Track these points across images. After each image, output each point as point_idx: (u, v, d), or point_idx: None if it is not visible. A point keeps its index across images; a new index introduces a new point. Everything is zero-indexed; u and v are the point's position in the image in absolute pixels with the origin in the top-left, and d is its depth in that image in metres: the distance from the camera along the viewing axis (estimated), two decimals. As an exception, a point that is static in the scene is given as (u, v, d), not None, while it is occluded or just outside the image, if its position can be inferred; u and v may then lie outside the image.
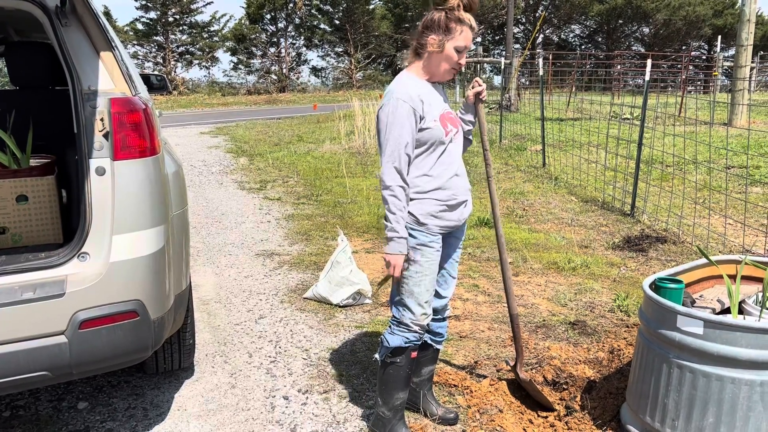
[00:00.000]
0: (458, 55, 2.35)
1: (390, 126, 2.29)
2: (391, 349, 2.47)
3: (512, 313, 2.80)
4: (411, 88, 2.35)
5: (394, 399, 2.53)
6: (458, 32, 2.32)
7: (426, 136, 2.34)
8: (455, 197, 2.43)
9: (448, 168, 2.41)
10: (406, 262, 2.39)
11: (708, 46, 40.82)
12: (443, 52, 2.34)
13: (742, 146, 8.77)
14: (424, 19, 2.39)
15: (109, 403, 2.94)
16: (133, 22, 37.03)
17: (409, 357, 2.50)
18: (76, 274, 2.24)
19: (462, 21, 2.32)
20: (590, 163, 8.24)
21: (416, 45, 2.41)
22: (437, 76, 2.42)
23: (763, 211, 5.97)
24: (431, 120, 2.35)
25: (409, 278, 2.42)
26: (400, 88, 2.33)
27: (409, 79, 2.40)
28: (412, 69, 2.44)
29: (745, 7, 10.91)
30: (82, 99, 2.28)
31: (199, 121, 19.56)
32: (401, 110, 2.28)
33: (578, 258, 4.97)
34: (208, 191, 8.27)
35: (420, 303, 2.44)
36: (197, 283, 4.59)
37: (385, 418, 2.55)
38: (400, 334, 2.47)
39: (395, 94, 2.31)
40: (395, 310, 2.50)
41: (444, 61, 2.36)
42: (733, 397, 2.16)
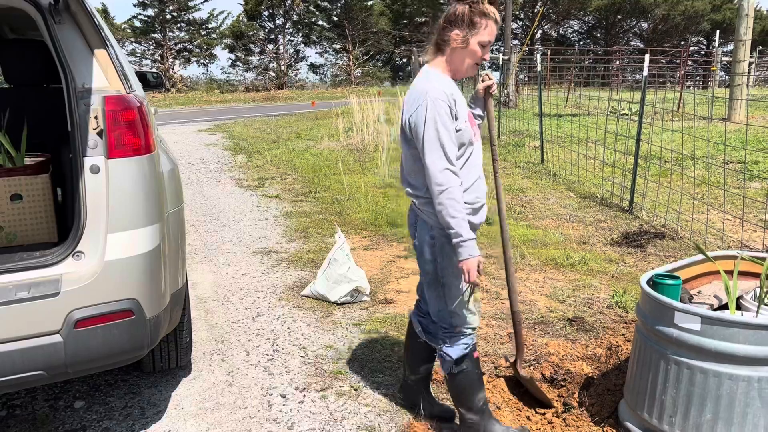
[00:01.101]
0: (482, 51, 2.26)
1: (430, 126, 2.17)
2: (455, 360, 2.42)
3: (514, 310, 2.79)
4: (444, 85, 2.25)
5: (476, 401, 2.48)
6: (483, 26, 2.23)
7: (459, 138, 2.25)
8: (479, 200, 2.37)
9: (474, 170, 2.36)
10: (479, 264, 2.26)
11: (707, 41, 40.79)
12: (467, 47, 2.25)
13: (740, 141, 8.76)
14: (446, 12, 2.30)
15: (106, 401, 2.94)
16: (131, 20, 36.95)
17: (473, 358, 2.45)
18: (71, 273, 2.23)
19: (486, 15, 2.22)
20: (589, 159, 8.23)
21: (438, 40, 2.31)
22: (460, 72, 2.33)
23: (761, 206, 5.96)
24: (462, 121, 2.26)
25: (453, 284, 2.35)
26: (435, 86, 2.22)
27: (439, 77, 2.30)
28: (436, 65, 2.34)
29: (743, 2, 10.89)
30: (76, 97, 2.27)
31: (197, 119, 19.53)
32: (441, 109, 2.18)
33: (576, 254, 4.97)
34: (205, 189, 8.25)
35: (469, 307, 2.40)
36: (194, 281, 4.58)
37: (474, 422, 2.50)
38: (458, 344, 2.42)
39: (431, 93, 2.19)
40: (441, 320, 2.43)
41: (468, 57, 2.27)
42: (730, 393, 2.15)
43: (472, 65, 2.30)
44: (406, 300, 4.14)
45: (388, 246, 5.42)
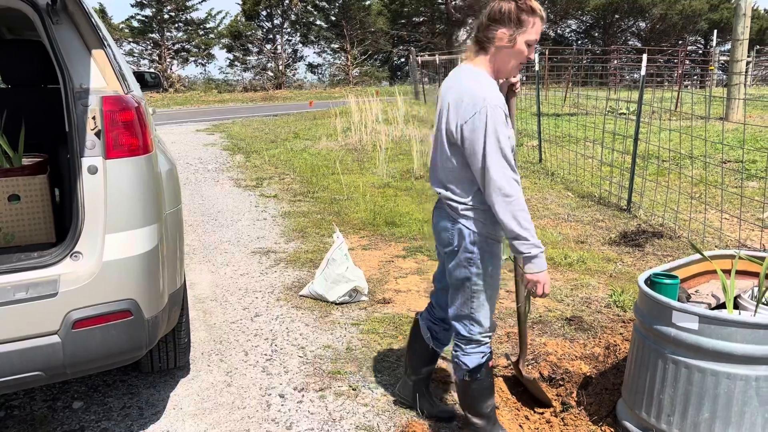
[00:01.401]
0: (528, 50, 2.16)
1: (492, 135, 2.07)
2: (472, 369, 2.38)
3: (521, 311, 2.79)
4: (496, 90, 2.15)
5: (485, 407, 2.46)
6: (530, 25, 2.12)
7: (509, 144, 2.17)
8: None
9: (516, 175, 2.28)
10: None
11: (704, 40, 40.84)
12: (514, 47, 2.14)
13: (738, 141, 8.77)
14: (489, 9, 2.16)
15: (104, 402, 2.94)
16: (129, 20, 36.88)
17: (488, 367, 2.42)
18: (68, 273, 2.23)
19: (535, 12, 2.12)
20: (587, 158, 8.24)
21: (481, 38, 2.19)
22: (503, 72, 2.22)
23: (759, 205, 5.97)
24: (509, 127, 2.18)
25: (481, 292, 2.32)
26: (492, 93, 2.12)
27: (489, 80, 2.18)
28: (480, 65, 2.22)
29: (740, 2, 10.90)
30: (73, 97, 2.27)
31: (195, 119, 19.51)
32: (500, 118, 2.09)
33: (575, 253, 4.97)
34: (204, 189, 8.25)
35: (490, 316, 2.37)
36: (193, 282, 4.58)
37: (479, 427, 2.48)
38: (475, 352, 2.39)
39: (490, 100, 2.09)
40: (461, 327, 2.39)
41: (514, 57, 2.17)
42: (728, 392, 2.16)
43: (516, 66, 2.20)
44: (404, 300, 4.14)
45: (387, 246, 5.42)
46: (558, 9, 40.17)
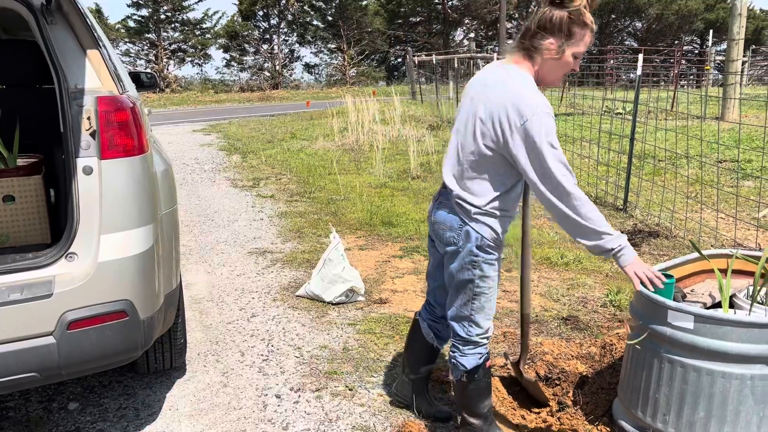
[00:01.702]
0: (576, 60, 2.11)
1: (545, 142, 2.03)
2: (470, 370, 2.38)
3: (525, 312, 2.79)
4: (543, 96, 2.10)
5: (482, 408, 2.46)
6: (581, 37, 2.07)
7: None
8: (517, 210, 2.34)
9: (521, 184, 2.31)
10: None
11: (700, 40, 40.96)
12: (561, 58, 2.09)
13: (733, 140, 8.80)
14: (539, 15, 2.09)
15: (100, 403, 2.93)
16: (125, 20, 36.84)
17: (486, 368, 2.42)
18: (64, 274, 2.22)
19: (587, 25, 2.06)
20: (583, 158, 8.25)
21: (528, 45, 2.13)
22: (546, 82, 2.17)
23: (754, 204, 5.99)
24: None
25: (482, 294, 2.31)
26: (542, 100, 2.07)
27: (533, 84, 2.12)
28: (524, 68, 2.16)
29: (736, 1, 10.93)
30: (68, 98, 2.26)
31: (192, 119, 19.49)
32: (551, 124, 2.05)
33: (571, 253, 4.98)
34: (200, 189, 8.24)
35: (489, 317, 2.37)
36: (189, 282, 4.57)
37: (477, 427, 2.48)
38: (472, 353, 2.38)
39: (542, 107, 2.04)
40: (460, 328, 2.38)
41: (560, 68, 2.12)
42: (723, 391, 2.16)
43: (561, 77, 2.16)
44: (401, 300, 4.14)
45: (383, 246, 5.42)
46: (554, 9, 40.17)
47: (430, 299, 2.67)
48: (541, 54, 2.11)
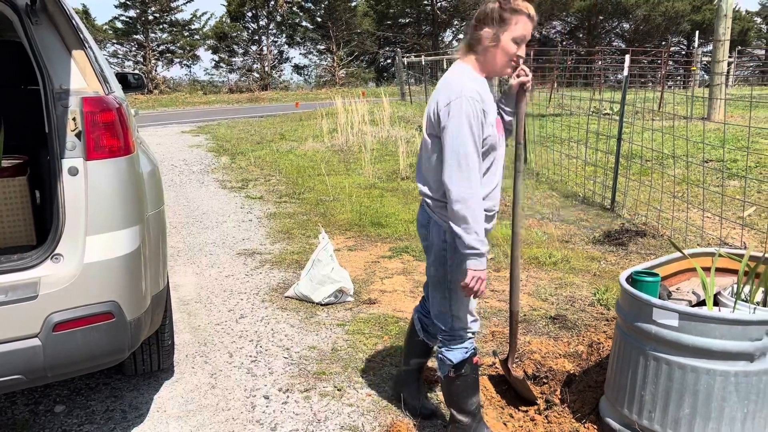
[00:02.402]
0: (516, 47, 2.19)
1: (457, 127, 2.10)
2: (455, 364, 2.40)
3: (513, 310, 2.79)
4: (478, 86, 2.18)
5: (470, 405, 2.47)
6: (514, 22, 2.16)
7: (487, 143, 2.20)
8: (494, 208, 2.35)
9: (494, 178, 2.32)
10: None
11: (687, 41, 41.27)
12: (499, 44, 2.18)
13: (719, 140, 8.87)
14: (477, 11, 2.24)
15: (86, 405, 2.91)
16: (113, 21, 36.59)
17: (473, 363, 2.44)
18: (49, 275, 2.21)
19: (517, 11, 2.16)
20: (571, 158, 8.30)
21: (471, 40, 2.24)
22: (494, 71, 2.26)
23: (739, 204, 6.04)
24: (490, 125, 2.20)
25: (457, 289, 2.32)
26: (469, 85, 2.15)
27: (472, 75, 2.22)
28: (468, 62, 2.27)
29: (722, 3, 11.03)
30: (53, 98, 2.25)
31: (181, 120, 19.40)
32: (473, 110, 2.11)
33: (559, 253, 5.00)
34: (188, 190, 8.20)
35: (471, 311, 2.40)
36: (177, 283, 4.55)
37: (465, 424, 2.48)
38: (458, 348, 2.40)
39: (467, 92, 2.11)
40: (443, 323, 2.41)
41: (501, 54, 2.20)
42: (708, 387, 2.18)
43: (506, 63, 2.22)
44: (390, 300, 4.15)
45: (373, 246, 5.42)
46: (543, 10, 40.40)
47: (425, 294, 2.72)
48: (481, 44, 2.21)
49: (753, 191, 6.72)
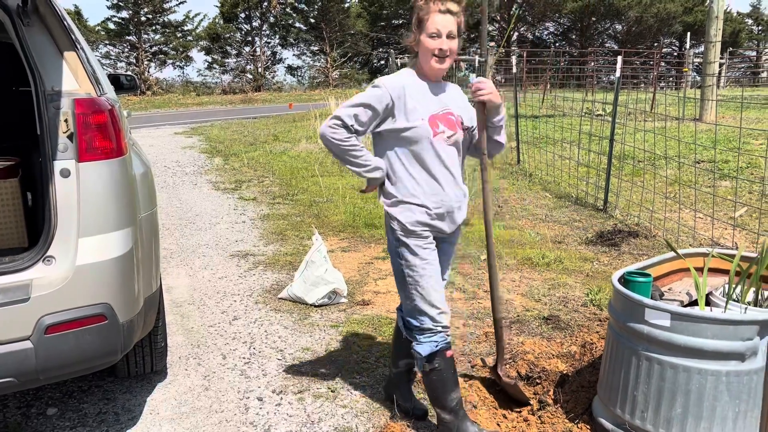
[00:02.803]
0: (435, 41, 2.30)
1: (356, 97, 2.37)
2: (425, 357, 2.45)
3: (496, 317, 2.80)
4: (400, 78, 2.38)
5: (449, 401, 2.49)
6: (426, 20, 2.30)
7: (411, 134, 2.34)
8: (444, 204, 2.41)
9: (439, 173, 2.39)
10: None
11: (679, 43, 41.50)
12: (421, 45, 2.34)
13: (711, 141, 8.92)
14: None
15: (79, 408, 2.90)
16: (105, 22, 36.48)
17: (445, 357, 2.46)
18: (41, 278, 2.20)
19: (425, 9, 2.30)
20: (564, 159, 8.32)
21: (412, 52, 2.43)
22: (429, 71, 2.39)
23: (731, 204, 6.08)
24: (417, 119, 2.33)
25: (415, 284, 2.41)
26: (389, 78, 2.39)
27: (404, 71, 2.44)
28: (410, 66, 2.49)
29: (713, 4, 11.09)
30: (45, 100, 2.24)
31: (173, 122, 19.35)
32: (371, 93, 2.35)
33: (552, 253, 5.02)
34: (181, 192, 8.18)
35: (434, 304, 2.42)
36: (170, 285, 4.54)
37: (448, 422, 2.51)
38: (427, 341, 2.44)
39: (377, 82, 2.38)
40: (411, 318, 2.48)
41: (424, 53, 2.34)
42: (699, 387, 2.19)
43: (430, 59, 2.35)
44: (383, 301, 4.15)
45: (366, 247, 5.42)
46: (536, 12, 40.54)
47: None
48: (413, 51, 2.42)
49: (744, 192, 6.76)
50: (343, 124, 2.34)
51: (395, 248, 2.45)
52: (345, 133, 2.35)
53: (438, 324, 2.44)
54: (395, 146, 2.40)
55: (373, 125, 2.38)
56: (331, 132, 2.35)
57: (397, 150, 2.40)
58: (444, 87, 2.49)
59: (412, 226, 2.39)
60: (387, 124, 2.37)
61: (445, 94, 2.47)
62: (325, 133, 2.36)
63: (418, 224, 2.39)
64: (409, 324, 2.50)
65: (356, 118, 2.34)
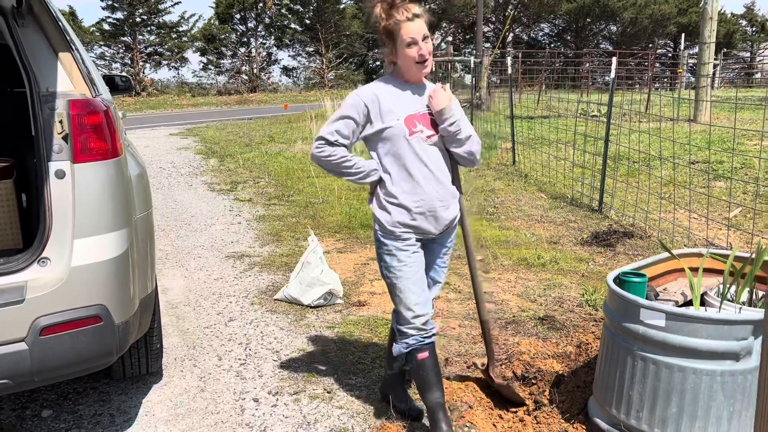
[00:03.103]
0: (414, 49, 2.33)
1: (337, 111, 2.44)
2: (395, 357, 2.54)
3: (483, 319, 2.81)
4: (372, 86, 2.45)
5: (428, 400, 2.53)
6: (398, 31, 2.32)
7: (388, 134, 2.39)
8: (425, 203, 2.42)
9: (418, 172, 2.41)
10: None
11: (674, 43, 41.63)
12: (400, 56, 2.37)
13: (705, 142, 8.95)
14: None
15: (74, 410, 2.89)
16: (100, 23, 36.36)
17: (417, 360, 2.49)
18: (36, 279, 2.20)
19: (392, 21, 2.32)
20: (559, 160, 8.34)
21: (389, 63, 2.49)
22: (415, 78, 2.44)
23: (726, 205, 6.10)
24: (393, 119, 2.39)
25: (394, 285, 2.46)
26: (364, 87, 2.46)
27: (380, 80, 2.49)
28: (387, 73, 2.53)
29: (707, 6, 11.14)
30: (39, 101, 2.24)
31: (169, 123, 19.32)
32: (350, 101, 2.42)
33: (547, 254, 5.03)
34: (177, 193, 8.17)
35: (409, 306, 2.45)
36: (166, 287, 4.53)
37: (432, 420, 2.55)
38: (401, 342, 2.50)
39: (356, 91, 2.45)
40: (394, 319, 2.56)
41: (406, 62, 2.38)
42: (694, 387, 2.20)
43: (413, 66, 2.38)
44: (379, 302, 4.15)
45: (362, 248, 5.42)
46: (531, 12, 40.62)
47: None
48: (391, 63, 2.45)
49: (738, 192, 6.79)
50: (327, 142, 2.40)
51: (377, 250, 2.52)
52: (331, 150, 2.40)
53: (411, 326, 2.46)
54: (376, 147, 2.45)
55: (357, 134, 2.42)
56: (318, 152, 2.41)
57: (379, 151, 2.44)
58: (426, 87, 2.51)
59: (391, 226, 2.41)
60: (367, 130, 2.42)
61: (424, 94, 2.50)
62: (314, 155, 2.43)
63: (397, 225, 2.41)
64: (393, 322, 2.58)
65: (338, 133, 2.39)
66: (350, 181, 2.49)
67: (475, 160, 2.55)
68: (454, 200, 2.52)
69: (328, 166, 2.43)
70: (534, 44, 42.40)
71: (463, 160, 2.54)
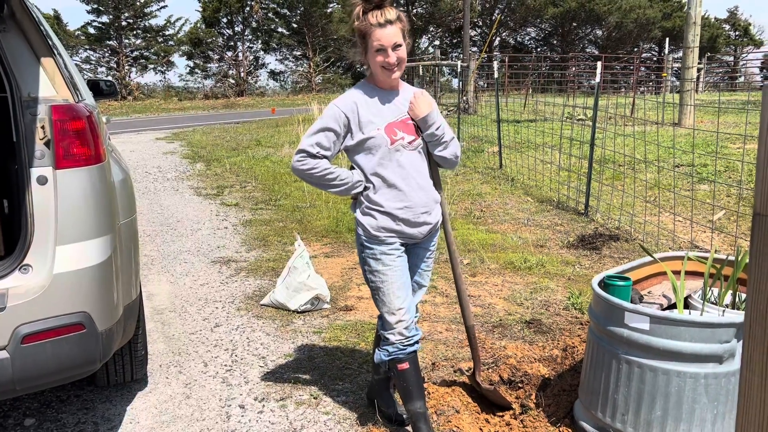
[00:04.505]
0: (381, 56, 2.32)
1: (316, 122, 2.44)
2: (377, 364, 2.56)
3: (468, 324, 2.81)
4: (351, 95, 2.45)
5: (409, 410, 2.54)
6: (369, 35, 2.32)
7: (370, 144, 2.39)
8: (410, 209, 2.42)
9: (401, 180, 2.41)
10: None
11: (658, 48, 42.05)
12: (369, 60, 2.38)
13: (689, 145, 9.04)
14: None
15: (57, 418, 2.86)
16: (85, 26, 36.13)
17: (397, 369, 2.48)
18: (17, 287, 2.17)
19: (365, 25, 2.32)
20: (545, 163, 8.38)
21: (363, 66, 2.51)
22: (385, 82, 2.44)
23: (709, 207, 6.16)
24: (373, 129, 2.38)
25: (377, 289, 2.45)
26: (344, 96, 2.47)
27: (357, 88, 2.48)
28: (365, 80, 2.52)
29: (690, 10, 11.26)
30: (21, 106, 2.21)
31: (155, 127, 19.20)
32: (329, 113, 2.42)
33: (534, 257, 5.05)
34: (163, 198, 8.11)
35: (392, 311, 2.44)
36: (151, 293, 4.50)
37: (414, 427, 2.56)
38: (382, 349, 2.50)
39: (335, 101, 2.44)
40: (379, 325, 2.56)
41: (375, 67, 2.38)
42: (678, 390, 2.22)
43: (380, 72, 2.38)
44: (366, 306, 4.14)
45: (349, 253, 5.41)
46: (517, 17, 40.87)
47: None
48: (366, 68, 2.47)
49: (722, 195, 6.85)
50: (309, 155, 2.39)
51: (360, 254, 2.51)
52: (314, 162, 2.39)
53: (394, 331, 2.45)
54: (358, 158, 2.44)
55: (338, 146, 2.42)
56: (300, 165, 2.40)
57: (361, 160, 2.43)
58: (401, 92, 2.50)
59: (376, 231, 2.42)
60: (347, 141, 2.42)
61: (401, 99, 2.49)
62: (296, 168, 2.41)
63: (381, 230, 2.42)
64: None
65: (319, 145, 2.39)
66: (334, 194, 2.46)
67: (457, 161, 2.59)
68: (436, 205, 2.53)
69: (311, 179, 2.42)
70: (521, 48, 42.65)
71: (447, 162, 2.55)
